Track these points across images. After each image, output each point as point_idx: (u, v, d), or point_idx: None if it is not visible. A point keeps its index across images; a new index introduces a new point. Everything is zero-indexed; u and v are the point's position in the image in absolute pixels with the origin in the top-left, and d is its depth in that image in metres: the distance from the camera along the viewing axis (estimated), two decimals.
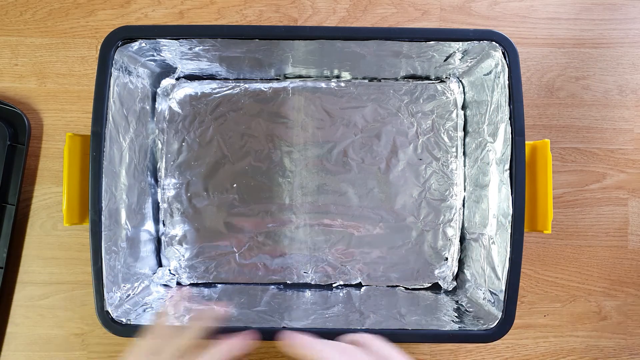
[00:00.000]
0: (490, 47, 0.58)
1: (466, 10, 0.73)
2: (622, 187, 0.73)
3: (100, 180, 0.55)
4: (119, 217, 0.61)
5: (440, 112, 0.70)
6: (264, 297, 0.66)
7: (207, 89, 0.70)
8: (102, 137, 0.55)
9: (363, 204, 0.70)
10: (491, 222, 0.62)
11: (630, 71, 0.73)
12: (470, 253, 0.68)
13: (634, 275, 0.72)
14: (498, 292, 0.58)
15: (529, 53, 0.73)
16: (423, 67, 0.67)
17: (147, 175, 0.68)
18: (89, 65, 0.72)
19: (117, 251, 0.60)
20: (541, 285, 0.72)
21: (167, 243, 0.70)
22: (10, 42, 0.72)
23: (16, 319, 0.71)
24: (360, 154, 0.70)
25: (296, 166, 0.70)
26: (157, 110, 0.69)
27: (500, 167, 0.59)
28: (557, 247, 0.73)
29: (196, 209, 0.70)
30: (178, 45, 0.59)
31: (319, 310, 0.63)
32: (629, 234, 0.73)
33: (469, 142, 0.69)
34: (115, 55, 0.56)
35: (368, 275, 0.70)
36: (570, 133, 0.73)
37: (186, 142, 0.70)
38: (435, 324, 0.60)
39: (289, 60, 0.64)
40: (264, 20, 0.73)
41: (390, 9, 0.73)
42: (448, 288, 0.70)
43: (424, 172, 0.70)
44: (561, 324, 0.72)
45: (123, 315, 0.57)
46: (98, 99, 0.55)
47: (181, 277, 0.70)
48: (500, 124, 0.59)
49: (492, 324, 0.56)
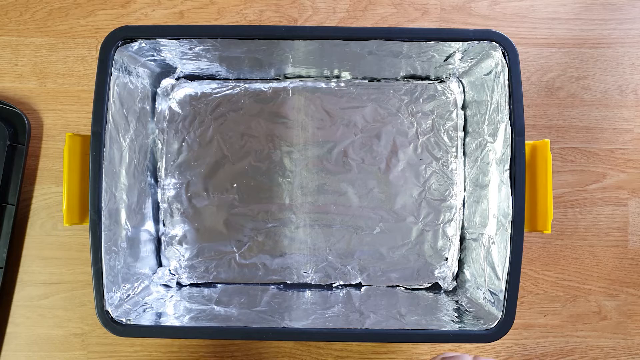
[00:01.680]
0: (490, 47, 0.58)
1: (466, 10, 0.73)
2: (622, 187, 0.73)
3: (100, 180, 0.55)
4: (119, 217, 0.61)
5: (440, 112, 0.70)
6: (264, 297, 0.66)
7: (207, 89, 0.70)
8: (102, 137, 0.55)
9: (363, 204, 0.70)
10: (491, 222, 0.62)
11: (630, 71, 0.73)
12: (470, 253, 0.68)
13: (634, 275, 0.72)
14: (498, 292, 0.58)
15: (529, 53, 0.73)
16: (423, 67, 0.67)
17: (147, 175, 0.68)
18: (89, 65, 0.72)
19: (117, 251, 0.59)
20: (541, 285, 0.72)
21: (167, 243, 0.70)
22: (10, 42, 0.72)
23: (16, 319, 0.71)
24: (360, 154, 0.70)
25: (296, 166, 0.70)
26: (157, 110, 0.69)
27: (500, 167, 0.59)
28: (557, 247, 0.73)
29: (196, 209, 0.70)
30: (178, 45, 0.59)
31: (319, 310, 0.63)
32: (629, 234, 0.73)
33: (469, 142, 0.69)
34: (115, 55, 0.56)
35: (368, 275, 0.70)
36: (570, 133, 0.73)
37: (186, 142, 0.70)
38: (435, 324, 0.60)
39: (289, 60, 0.64)
40: (264, 20, 0.73)
41: (390, 9, 0.73)
42: (448, 288, 0.69)
43: (424, 172, 0.70)
44: (561, 324, 0.72)
45: (123, 315, 0.57)
46: (98, 99, 0.55)
47: (181, 277, 0.70)
48: (500, 124, 0.59)
49: (492, 324, 0.56)
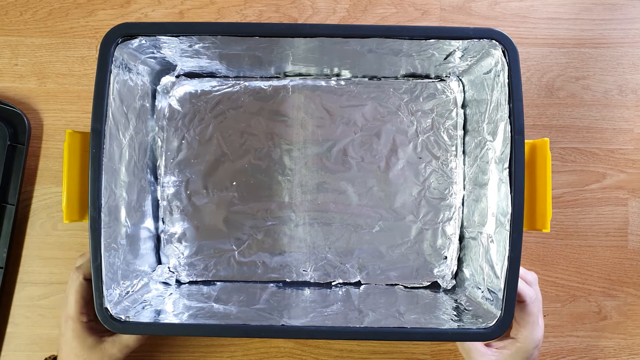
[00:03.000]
0: (490, 46, 0.58)
1: (466, 10, 0.73)
2: (622, 187, 0.73)
3: (99, 177, 0.55)
4: (119, 215, 0.61)
5: (440, 110, 0.70)
6: (263, 295, 0.66)
7: (207, 86, 0.70)
8: (101, 134, 0.55)
9: (362, 202, 0.70)
10: (490, 221, 0.62)
11: (630, 71, 0.73)
12: (469, 252, 0.68)
13: (634, 275, 0.72)
14: (497, 291, 0.58)
15: (529, 53, 0.73)
16: (423, 66, 0.67)
17: (147, 172, 0.68)
18: (89, 65, 0.73)
19: (116, 248, 0.59)
20: (541, 285, 0.71)
21: (167, 241, 0.70)
22: (10, 42, 0.73)
23: (16, 319, 0.71)
24: (360, 152, 0.70)
25: (296, 164, 0.70)
26: (157, 108, 0.69)
27: (500, 165, 0.59)
28: (557, 247, 0.72)
29: (196, 207, 0.70)
30: (178, 43, 0.59)
31: (318, 308, 0.63)
32: (629, 234, 0.73)
33: (468, 141, 0.69)
34: (115, 53, 0.56)
35: (367, 273, 0.70)
36: (570, 133, 0.73)
37: (186, 139, 0.70)
38: (434, 323, 0.59)
39: (289, 58, 0.64)
40: (264, 20, 0.73)
41: (390, 8, 0.73)
42: (447, 287, 0.69)
43: (423, 170, 0.70)
44: (561, 324, 0.72)
45: (122, 312, 0.57)
46: (98, 96, 0.55)
47: (180, 274, 0.70)
48: (500, 122, 0.59)
49: (491, 322, 0.56)
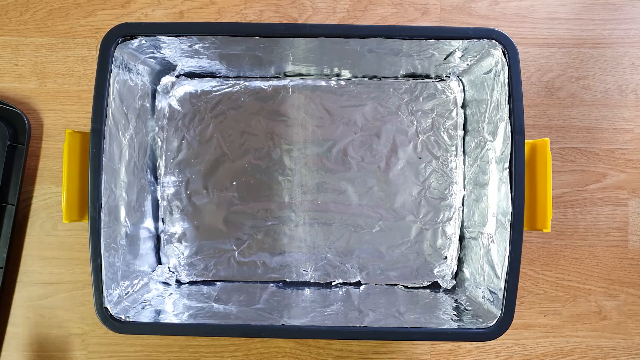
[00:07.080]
0: (490, 46, 0.58)
1: (466, 10, 0.73)
2: (622, 187, 0.73)
3: (99, 177, 0.55)
4: (119, 215, 0.61)
5: (440, 110, 0.70)
6: (263, 295, 0.66)
7: (207, 86, 0.70)
8: (101, 134, 0.55)
9: (362, 202, 0.70)
10: (490, 221, 0.62)
11: (630, 71, 0.73)
12: (469, 252, 0.68)
13: (634, 275, 0.72)
14: (497, 291, 0.58)
15: (529, 53, 0.73)
16: (423, 66, 0.67)
17: (147, 172, 0.68)
18: (89, 65, 0.73)
19: (116, 248, 0.59)
20: (541, 285, 0.72)
21: (167, 241, 0.70)
22: (10, 42, 0.73)
23: (16, 319, 0.71)
24: (360, 152, 0.70)
25: (296, 164, 0.70)
26: (157, 108, 0.69)
27: (500, 165, 0.59)
28: (557, 247, 0.72)
29: (196, 207, 0.70)
30: (178, 43, 0.59)
31: (318, 308, 0.63)
32: (629, 234, 0.73)
33: (468, 141, 0.69)
34: (115, 52, 0.56)
35: (367, 273, 0.70)
36: (570, 133, 0.73)
37: (186, 139, 0.70)
38: (434, 322, 0.59)
39: (289, 58, 0.64)
40: (264, 20, 0.73)
41: (390, 9, 0.73)
42: (447, 287, 0.69)
43: (423, 170, 0.70)
44: (561, 324, 0.72)
45: (122, 312, 0.57)
46: (98, 96, 0.55)
47: (180, 274, 0.70)
48: (500, 122, 0.59)
49: (491, 322, 0.56)
